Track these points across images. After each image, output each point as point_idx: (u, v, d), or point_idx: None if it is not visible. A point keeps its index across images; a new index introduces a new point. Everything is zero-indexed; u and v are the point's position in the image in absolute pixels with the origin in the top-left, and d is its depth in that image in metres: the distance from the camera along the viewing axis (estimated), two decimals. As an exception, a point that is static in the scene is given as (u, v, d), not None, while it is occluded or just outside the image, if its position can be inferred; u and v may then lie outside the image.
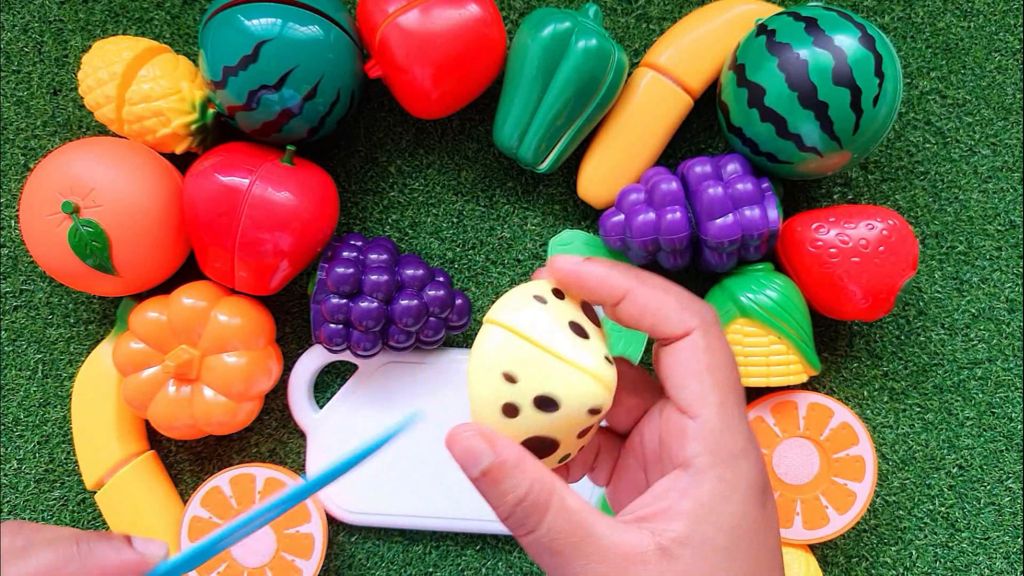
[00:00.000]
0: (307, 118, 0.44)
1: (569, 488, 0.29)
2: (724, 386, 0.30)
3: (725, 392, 0.30)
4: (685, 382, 0.30)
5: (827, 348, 0.51)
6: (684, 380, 0.30)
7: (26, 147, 0.51)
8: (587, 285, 0.31)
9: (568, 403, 0.29)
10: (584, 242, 0.50)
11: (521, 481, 0.28)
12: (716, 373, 0.30)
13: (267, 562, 0.48)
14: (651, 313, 0.30)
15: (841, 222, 0.45)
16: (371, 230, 0.52)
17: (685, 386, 0.30)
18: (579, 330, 0.31)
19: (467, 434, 0.29)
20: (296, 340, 0.51)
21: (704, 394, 0.29)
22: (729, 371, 0.30)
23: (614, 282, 0.31)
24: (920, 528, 0.51)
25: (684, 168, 0.46)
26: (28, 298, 0.51)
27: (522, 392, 0.29)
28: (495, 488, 0.28)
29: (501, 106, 0.47)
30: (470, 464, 0.29)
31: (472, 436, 0.29)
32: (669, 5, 0.50)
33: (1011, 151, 0.51)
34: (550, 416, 0.29)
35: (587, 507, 0.29)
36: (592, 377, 0.29)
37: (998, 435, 0.51)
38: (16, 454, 0.52)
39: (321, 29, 0.42)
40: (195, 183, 0.44)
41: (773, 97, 0.42)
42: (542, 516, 0.28)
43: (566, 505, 0.28)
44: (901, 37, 0.51)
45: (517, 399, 0.29)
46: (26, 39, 0.51)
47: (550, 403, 0.29)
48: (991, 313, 0.51)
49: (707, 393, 0.29)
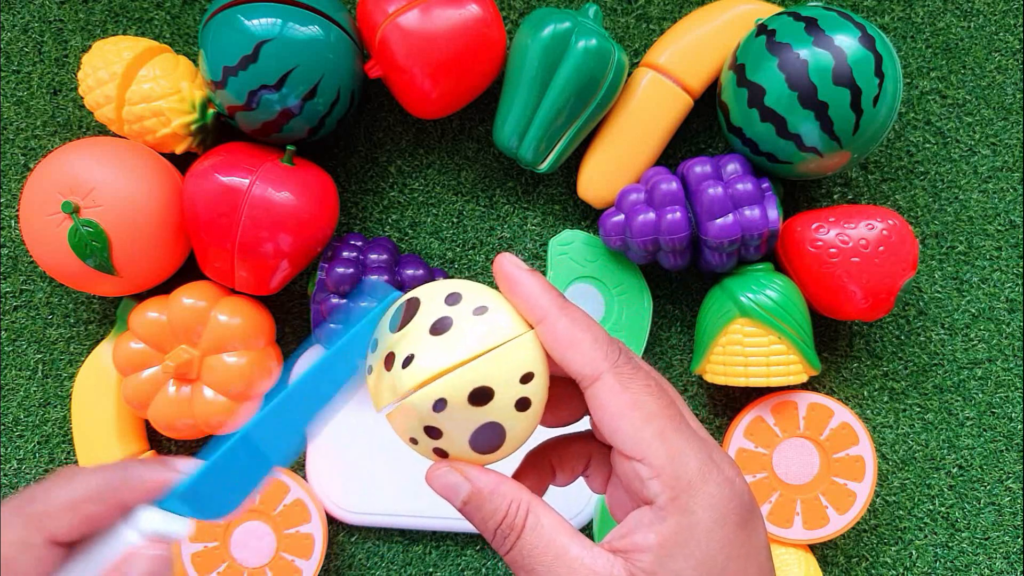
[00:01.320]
0: (307, 118, 0.44)
1: (548, 509, 0.30)
2: (655, 416, 0.29)
3: (658, 421, 0.29)
4: (617, 427, 0.29)
5: (827, 348, 0.51)
6: (614, 426, 0.29)
7: (26, 147, 0.51)
8: (516, 295, 0.31)
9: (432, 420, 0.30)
10: (584, 242, 0.50)
11: (499, 504, 0.30)
12: (640, 408, 0.29)
13: (267, 562, 0.48)
14: (563, 347, 0.30)
15: (841, 222, 0.45)
16: (371, 230, 0.51)
17: (618, 431, 0.29)
18: (391, 360, 0.31)
19: (440, 472, 0.31)
20: (296, 340, 0.51)
21: (637, 433, 0.29)
22: (654, 399, 0.30)
23: (536, 303, 0.30)
24: (920, 528, 0.51)
25: (684, 168, 0.46)
26: (28, 298, 0.51)
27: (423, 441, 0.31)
28: (477, 515, 0.30)
29: (501, 106, 0.47)
30: (451, 497, 0.31)
31: (447, 472, 0.31)
32: (669, 5, 0.50)
33: (1011, 151, 0.51)
34: (448, 436, 0.30)
35: (563, 528, 0.29)
36: (420, 388, 0.29)
37: (998, 435, 0.51)
38: (16, 454, 0.52)
39: (321, 29, 0.42)
40: (195, 183, 0.44)
41: (773, 97, 0.42)
42: (518, 535, 0.29)
43: (541, 524, 0.29)
44: (901, 37, 0.51)
45: (429, 444, 0.31)
46: (26, 39, 0.51)
47: (433, 431, 0.30)
48: (991, 313, 0.51)
49: (640, 431, 0.29)
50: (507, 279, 0.31)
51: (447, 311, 0.31)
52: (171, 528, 0.30)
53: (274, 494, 0.48)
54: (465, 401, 0.29)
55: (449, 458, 0.31)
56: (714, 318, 0.47)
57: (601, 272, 0.49)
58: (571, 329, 0.30)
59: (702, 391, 0.51)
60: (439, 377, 0.29)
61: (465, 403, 0.30)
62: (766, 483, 0.47)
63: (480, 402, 0.30)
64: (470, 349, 0.30)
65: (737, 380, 0.46)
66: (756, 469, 0.47)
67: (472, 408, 0.30)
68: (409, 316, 0.31)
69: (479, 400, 0.30)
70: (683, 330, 0.51)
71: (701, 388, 0.51)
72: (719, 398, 0.51)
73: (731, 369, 0.46)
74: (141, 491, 0.30)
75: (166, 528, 0.30)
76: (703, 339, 0.47)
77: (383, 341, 0.32)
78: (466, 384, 0.30)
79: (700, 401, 0.51)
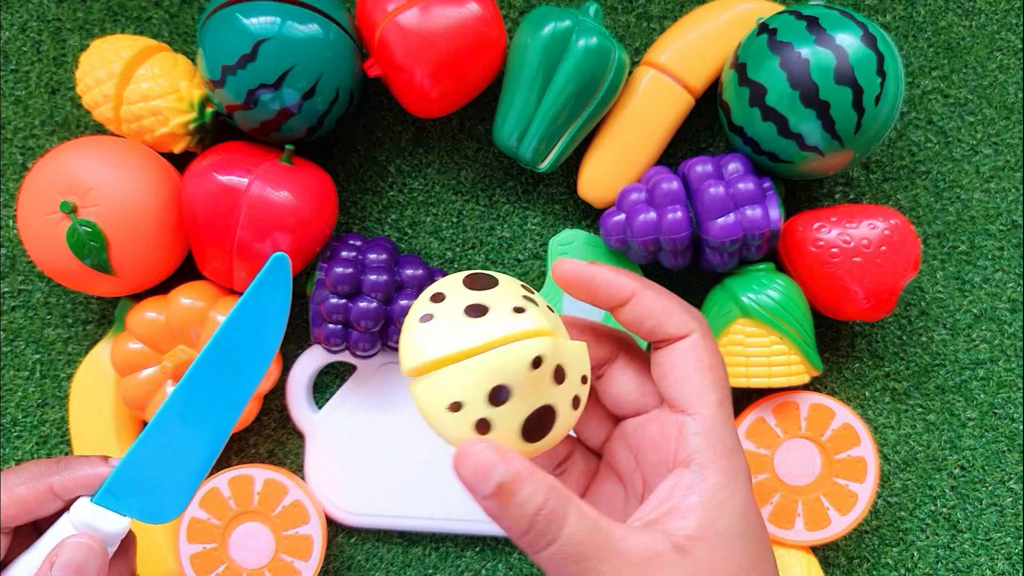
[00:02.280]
0: (306, 117, 0.44)
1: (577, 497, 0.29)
2: (721, 386, 0.31)
3: (724, 391, 0.31)
4: (687, 379, 0.31)
5: (829, 348, 0.51)
6: (685, 377, 0.31)
7: (24, 146, 0.51)
8: (594, 287, 0.32)
9: (514, 380, 0.27)
10: (585, 241, 0.49)
11: (538, 490, 0.27)
12: (715, 371, 0.31)
13: (266, 564, 0.48)
14: (655, 315, 0.31)
15: (843, 222, 0.45)
16: (370, 230, 0.51)
17: (687, 382, 0.31)
18: (477, 310, 0.28)
19: (478, 448, 0.27)
20: (295, 340, 0.51)
21: (704, 391, 0.31)
22: (724, 372, 0.32)
23: (621, 284, 0.32)
24: (922, 529, 0.51)
25: (685, 167, 0.46)
26: (26, 298, 0.51)
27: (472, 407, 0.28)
28: (511, 501, 0.27)
29: (501, 105, 0.47)
30: (482, 480, 0.27)
31: (484, 450, 0.27)
32: (670, 3, 0.50)
33: (1013, 151, 0.51)
34: (511, 405, 0.28)
35: (600, 514, 0.28)
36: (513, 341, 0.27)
37: (1000, 436, 0.51)
38: (14, 455, 0.51)
39: (320, 28, 0.42)
40: (193, 183, 0.44)
41: (774, 96, 0.42)
42: (563, 524, 0.27)
43: (584, 512, 0.28)
44: (903, 36, 0.51)
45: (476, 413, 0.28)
46: (24, 38, 0.51)
47: (501, 392, 0.28)
48: (993, 313, 0.51)
49: (707, 390, 0.31)
50: (577, 276, 0.32)
51: (521, 299, 0.29)
52: (102, 522, 0.32)
53: (273, 495, 0.48)
54: (551, 372, 0.28)
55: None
56: (715, 318, 0.46)
57: None
58: (660, 298, 0.32)
59: (703, 392, 0.51)
60: (541, 336, 0.28)
61: (550, 375, 0.28)
62: (767, 484, 0.47)
63: (558, 379, 0.28)
64: (558, 326, 0.30)
65: (738, 381, 0.45)
66: (757, 470, 0.47)
67: (550, 383, 0.28)
68: (491, 284, 0.30)
69: (558, 377, 0.28)
70: (684, 330, 0.51)
71: (702, 388, 0.51)
72: (720, 399, 0.51)
73: (732, 370, 0.46)
74: (74, 481, 0.32)
75: (94, 521, 0.32)
76: (704, 339, 0.47)
77: (457, 294, 0.29)
78: (558, 355, 0.28)
79: (701, 402, 0.51)
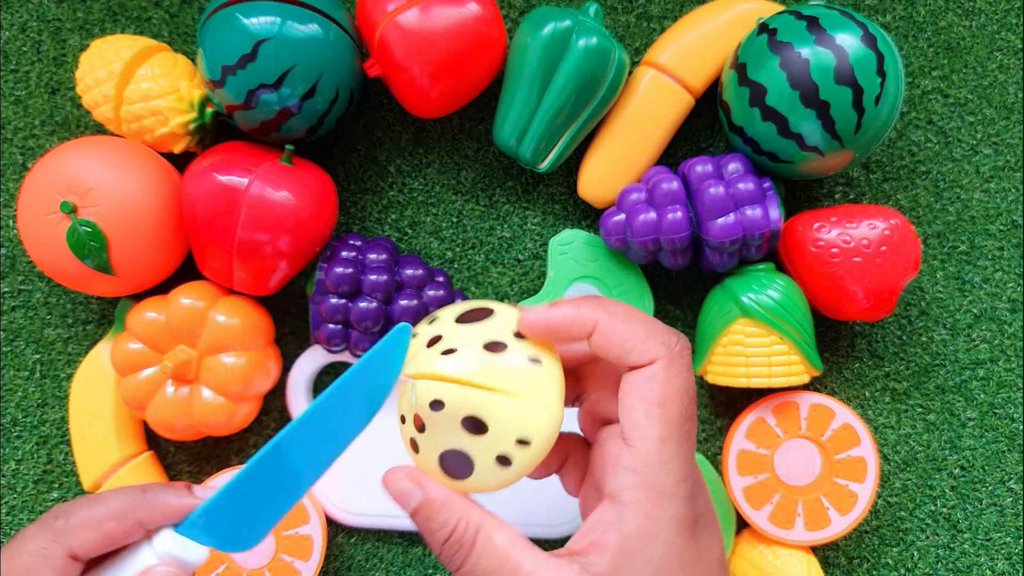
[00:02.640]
0: (306, 117, 0.44)
1: (502, 525, 0.30)
2: (672, 421, 0.30)
3: (671, 427, 0.30)
4: (632, 409, 0.30)
5: (829, 348, 0.51)
6: (631, 407, 0.30)
7: (24, 146, 0.51)
8: (557, 330, 0.31)
9: (424, 415, 0.31)
10: (585, 241, 0.49)
11: (448, 518, 0.30)
12: (667, 406, 0.30)
13: (266, 564, 0.48)
14: (618, 344, 0.31)
15: (843, 222, 0.45)
16: (370, 230, 0.51)
17: (631, 412, 0.30)
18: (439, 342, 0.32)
19: (397, 476, 0.31)
20: (295, 340, 0.51)
21: (647, 426, 0.29)
22: (683, 405, 0.30)
23: (583, 320, 0.31)
24: (922, 529, 0.51)
25: (685, 167, 0.46)
26: (26, 298, 0.51)
27: (407, 426, 0.32)
28: (426, 525, 0.30)
29: (501, 105, 0.47)
30: (402, 503, 0.31)
31: (401, 478, 0.31)
32: (670, 3, 0.50)
33: (1013, 151, 0.51)
34: (426, 436, 0.31)
35: (517, 543, 0.29)
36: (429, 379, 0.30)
37: (1000, 436, 0.51)
38: (14, 455, 0.51)
39: (320, 28, 0.42)
40: (193, 183, 0.44)
41: (774, 96, 0.42)
42: (468, 553, 0.29)
43: (493, 542, 0.29)
44: (903, 36, 0.51)
45: (408, 432, 0.32)
46: (24, 38, 0.51)
47: (419, 421, 0.31)
48: (993, 313, 0.51)
49: (651, 425, 0.29)
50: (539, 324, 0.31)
51: (510, 340, 0.31)
52: (185, 552, 0.31)
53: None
54: (458, 418, 0.30)
55: (415, 464, 0.32)
56: (715, 318, 0.46)
57: (601, 272, 0.49)
58: (626, 324, 0.31)
59: (703, 391, 0.51)
60: (457, 384, 0.30)
61: (457, 420, 0.30)
62: (767, 484, 0.47)
63: (470, 429, 0.30)
64: (501, 381, 0.30)
65: (738, 381, 0.45)
66: (757, 470, 0.47)
67: (460, 430, 0.30)
68: (477, 318, 0.32)
69: (470, 427, 0.30)
70: (684, 330, 0.51)
71: (702, 388, 0.51)
72: (720, 399, 0.51)
73: (732, 370, 0.46)
74: (159, 513, 0.31)
75: (179, 552, 0.31)
76: (704, 339, 0.47)
77: (443, 323, 0.32)
78: (470, 405, 0.30)
79: (701, 402, 0.51)
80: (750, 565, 0.47)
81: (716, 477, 0.49)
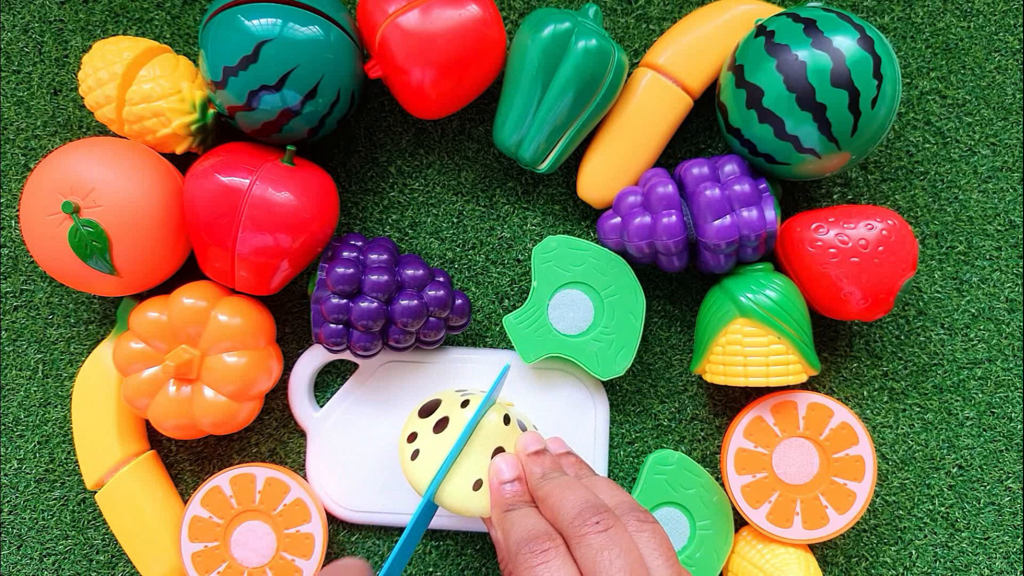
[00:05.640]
0: (307, 118, 0.44)
1: None
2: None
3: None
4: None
5: (827, 348, 0.51)
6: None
7: (26, 147, 0.51)
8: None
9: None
10: (568, 246, 0.48)
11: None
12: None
13: (267, 562, 0.48)
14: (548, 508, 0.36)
15: (840, 222, 0.45)
16: (371, 230, 0.52)
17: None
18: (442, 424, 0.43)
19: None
20: (296, 340, 0.51)
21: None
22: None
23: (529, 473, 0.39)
24: (920, 528, 0.51)
25: (681, 170, 0.46)
26: (28, 298, 0.51)
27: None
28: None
29: (501, 106, 0.47)
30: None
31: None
32: (669, 5, 0.50)
33: (1011, 151, 0.51)
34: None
35: None
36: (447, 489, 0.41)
37: (998, 435, 0.51)
38: (16, 454, 0.52)
39: (321, 29, 0.42)
40: (195, 183, 0.44)
41: (772, 98, 0.42)
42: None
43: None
44: (901, 37, 0.51)
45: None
46: (26, 39, 0.51)
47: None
48: (991, 313, 0.51)
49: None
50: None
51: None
52: None
53: (274, 494, 0.48)
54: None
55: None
56: (714, 318, 0.47)
57: (588, 276, 0.48)
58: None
59: (702, 391, 0.51)
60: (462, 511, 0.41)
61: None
62: (766, 483, 0.47)
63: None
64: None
65: (737, 380, 0.46)
66: (756, 469, 0.47)
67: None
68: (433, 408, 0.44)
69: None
70: (683, 330, 0.51)
71: (701, 388, 0.51)
72: (719, 398, 0.51)
73: (731, 369, 0.46)
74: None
75: None
76: (703, 339, 0.47)
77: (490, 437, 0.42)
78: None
79: (700, 401, 0.51)
80: (749, 563, 0.47)
81: (710, 478, 0.49)
